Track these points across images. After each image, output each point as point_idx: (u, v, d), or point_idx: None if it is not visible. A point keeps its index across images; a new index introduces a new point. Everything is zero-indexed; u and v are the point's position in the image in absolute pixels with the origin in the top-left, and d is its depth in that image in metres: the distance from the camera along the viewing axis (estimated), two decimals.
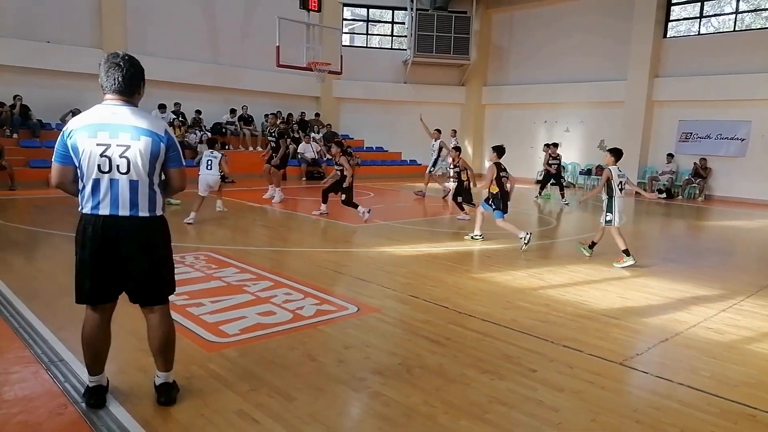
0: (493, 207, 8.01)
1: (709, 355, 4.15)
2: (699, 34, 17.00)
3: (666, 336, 4.53)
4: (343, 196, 9.88)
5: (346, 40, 21.26)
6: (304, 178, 17.14)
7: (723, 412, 3.24)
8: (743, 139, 15.82)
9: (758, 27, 16.13)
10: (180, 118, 16.60)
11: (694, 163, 16.42)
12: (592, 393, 3.43)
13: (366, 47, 22.00)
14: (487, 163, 8.18)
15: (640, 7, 17.10)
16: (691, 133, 16.84)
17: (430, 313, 4.87)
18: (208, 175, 9.48)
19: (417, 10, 20.13)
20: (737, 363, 4.01)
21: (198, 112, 17.08)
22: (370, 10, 21.82)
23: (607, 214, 7.21)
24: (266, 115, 18.71)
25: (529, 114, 20.70)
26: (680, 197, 16.46)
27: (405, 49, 21.41)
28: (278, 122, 14.73)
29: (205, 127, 17.12)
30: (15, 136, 13.98)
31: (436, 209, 12.27)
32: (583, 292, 5.73)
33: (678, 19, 17.55)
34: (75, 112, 12.16)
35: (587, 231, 10.43)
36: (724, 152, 16.18)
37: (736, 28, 16.44)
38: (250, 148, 17.95)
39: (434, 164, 13.89)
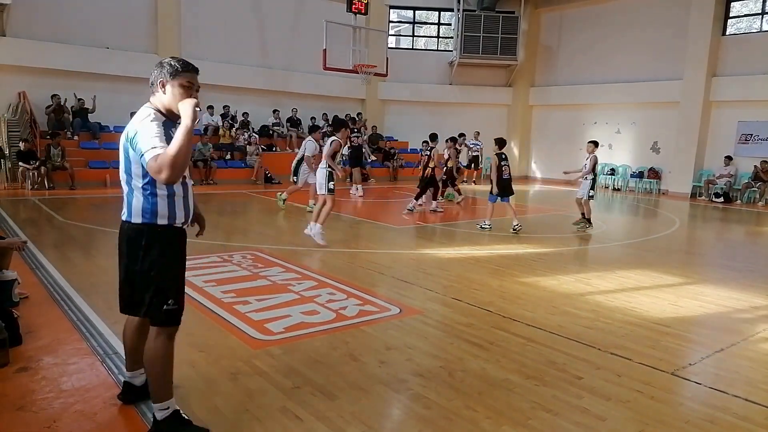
0: (490, 192, 9.23)
1: (767, 367, 3.96)
2: (761, 31, 16.20)
3: (721, 346, 4.34)
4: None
5: (392, 42, 21.35)
6: (349, 179, 17.28)
7: None
8: None
9: None
10: (229, 120, 17.04)
11: (755, 166, 15.64)
12: (640, 403, 3.32)
13: (412, 49, 22.01)
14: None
15: (697, 4, 16.44)
16: (752, 135, 16.07)
17: (474, 317, 4.83)
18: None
19: (464, 10, 20.00)
20: None
21: (245, 114, 17.49)
22: (417, 11, 21.81)
23: (591, 190, 9.38)
24: (325, 116, 19.20)
25: (578, 115, 20.23)
26: (739, 201, 15.72)
27: (451, 51, 21.30)
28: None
29: (253, 129, 17.51)
30: (75, 138, 14.68)
31: (479, 211, 12.14)
32: (632, 299, 5.56)
33: (738, 16, 16.79)
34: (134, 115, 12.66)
35: (637, 235, 10.11)
36: None
37: None
38: (297, 150, 18.22)
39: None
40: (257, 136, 17.09)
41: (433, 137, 11.58)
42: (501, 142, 9.34)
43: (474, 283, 5.95)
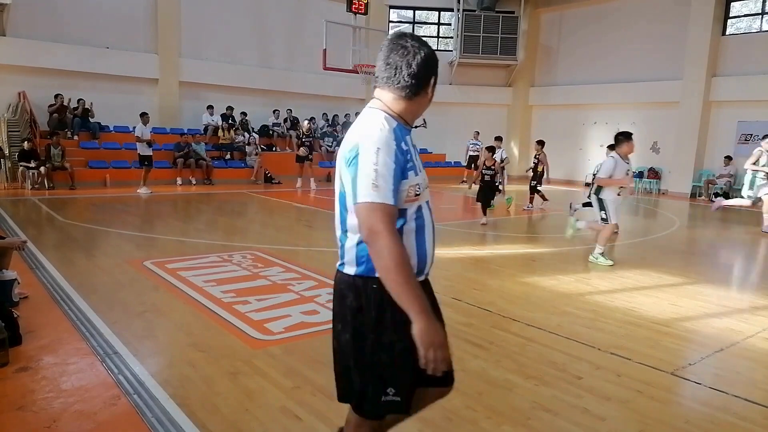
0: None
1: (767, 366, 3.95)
2: (761, 30, 16.20)
3: (721, 346, 4.34)
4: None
5: None
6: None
7: None
8: None
9: None
10: (230, 121, 17.05)
11: None
12: (640, 403, 3.32)
13: None
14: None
15: (697, 4, 16.43)
16: (752, 135, 16.05)
17: (473, 317, 4.83)
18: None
19: (463, 10, 20.00)
20: None
21: (244, 114, 17.48)
22: (417, 11, 21.81)
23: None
24: (325, 115, 19.42)
25: (578, 115, 20.22)
26: None
27: (451, 51, 21.30)
28: (312, 126, 15.96)
29: (253, 129, 17.51)
30: (75, 137, 14.68)
31: (480, 212, 12.14)
32: (632, 299, 5.56)
33: (738, 16, 16.78)
34: (144, 115, 12.67)
35: (637, 235, 10.11)
36: None
37: None
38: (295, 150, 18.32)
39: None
40: (257, 136, 17.08)
41: (541, 143, 11.80)
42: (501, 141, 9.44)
43: (474, 283, 5.95)
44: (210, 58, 16.97)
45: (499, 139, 14.22)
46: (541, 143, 12.12)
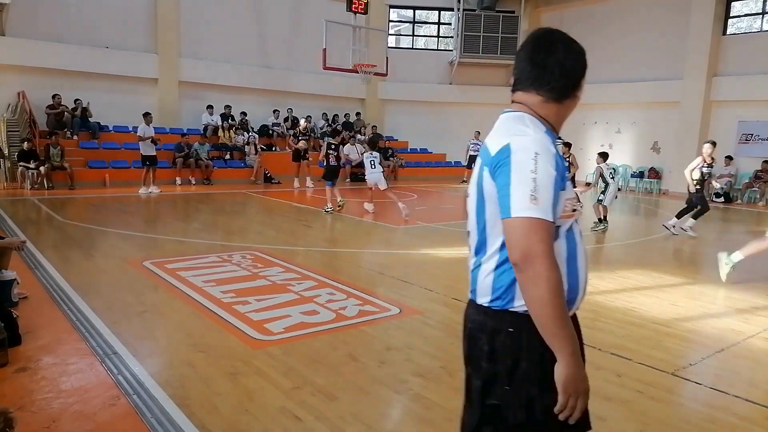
0: None
1: None
2: (761, 30, 16.19)
3: (722, 346, 4.33)
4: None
5: (392, 41, 21.32)
6: (348, 180, 17.27)
7: None
8: None
9: None
10: (229, 121, 17.04)
11: (756, 167, 15.64)
12: (641, 403, 3.31)
13: (412, 48, 21.99)
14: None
15: (697, 3, 16.43)
16: (752, 135, 16.05)
17: None
18: (374, 173, 10.51)
19: (464, 10, 19.98)
20: None
21: (243, 114, 17.46)
22: (417, 11, 21.80)
23: (601, 195, 9.77)
24: (325, 115, 19.38)
25: (579, 114, 20.09)
26: (739, 201, 15.71)
27: (451, 50, 21.29)
28: (308, 125, 15.83)
29: (252, 128, 17.50)
30: (75, 137, 14.66)
31: None
32: (633, 299, 5.55)
33: (739, 16, 16.77)
34: (147, 115, 12.67)
35: (638, 235, 10.10)
36: None
37: None
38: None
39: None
40: (257, 135, 17.07)
41: (568, 144, 11.04)
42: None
43: None
44: (209, 57, 16.94)
45: None
46: (568, 145, 11.07)
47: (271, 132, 18.00)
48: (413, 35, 22.34)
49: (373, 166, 10.54)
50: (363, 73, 15.72)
